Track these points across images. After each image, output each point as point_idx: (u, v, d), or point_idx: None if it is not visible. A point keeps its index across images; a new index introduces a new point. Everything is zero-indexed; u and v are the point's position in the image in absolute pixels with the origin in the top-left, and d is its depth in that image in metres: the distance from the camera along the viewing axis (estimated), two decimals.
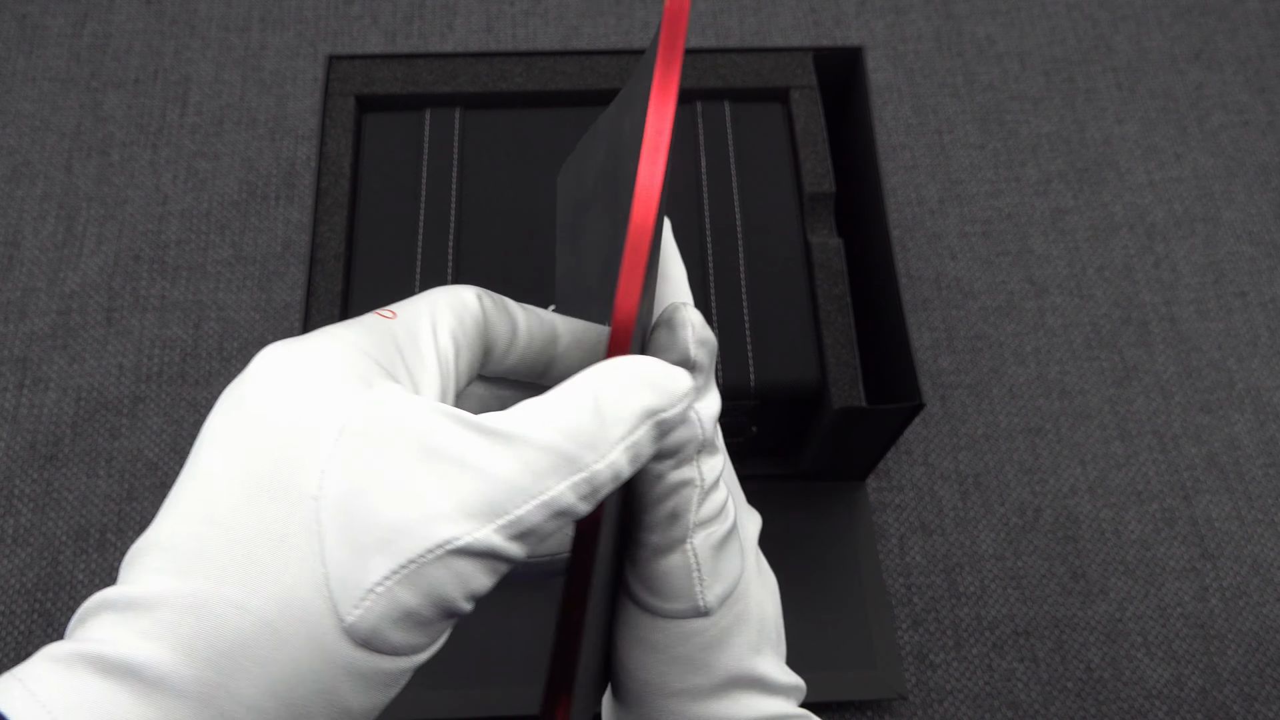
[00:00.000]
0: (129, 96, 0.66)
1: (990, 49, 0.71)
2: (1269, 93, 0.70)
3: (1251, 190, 0.66)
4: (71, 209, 0.62)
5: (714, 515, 0.24)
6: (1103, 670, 0.51)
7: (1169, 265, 0.63)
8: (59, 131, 0.65)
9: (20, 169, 0.64)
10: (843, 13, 0.72)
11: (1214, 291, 0.63)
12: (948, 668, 0.51)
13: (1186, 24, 0.73)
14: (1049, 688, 0.50)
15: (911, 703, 0.50)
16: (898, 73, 0.70)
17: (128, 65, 0.68)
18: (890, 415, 0.45)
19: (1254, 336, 0.61)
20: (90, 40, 0.68)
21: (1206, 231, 0.65)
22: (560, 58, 0.54)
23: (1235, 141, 0.68)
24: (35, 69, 0.67)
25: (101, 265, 0.61)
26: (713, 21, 0.72)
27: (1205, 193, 0.66)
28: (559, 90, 0.53)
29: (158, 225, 0.62)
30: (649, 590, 0.24)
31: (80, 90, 0.67)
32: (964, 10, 0.73)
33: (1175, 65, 0.71)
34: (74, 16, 0.69)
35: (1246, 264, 0.64)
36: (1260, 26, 0.73)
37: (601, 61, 0.56)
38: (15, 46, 0.68)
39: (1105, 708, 0.50)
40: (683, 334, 0.23)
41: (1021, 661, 0.51)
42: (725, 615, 0.25)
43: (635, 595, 0.25)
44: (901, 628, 0.52)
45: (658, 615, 0.24)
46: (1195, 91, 0.70)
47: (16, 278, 0.60)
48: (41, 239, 0.61)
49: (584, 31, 0.71)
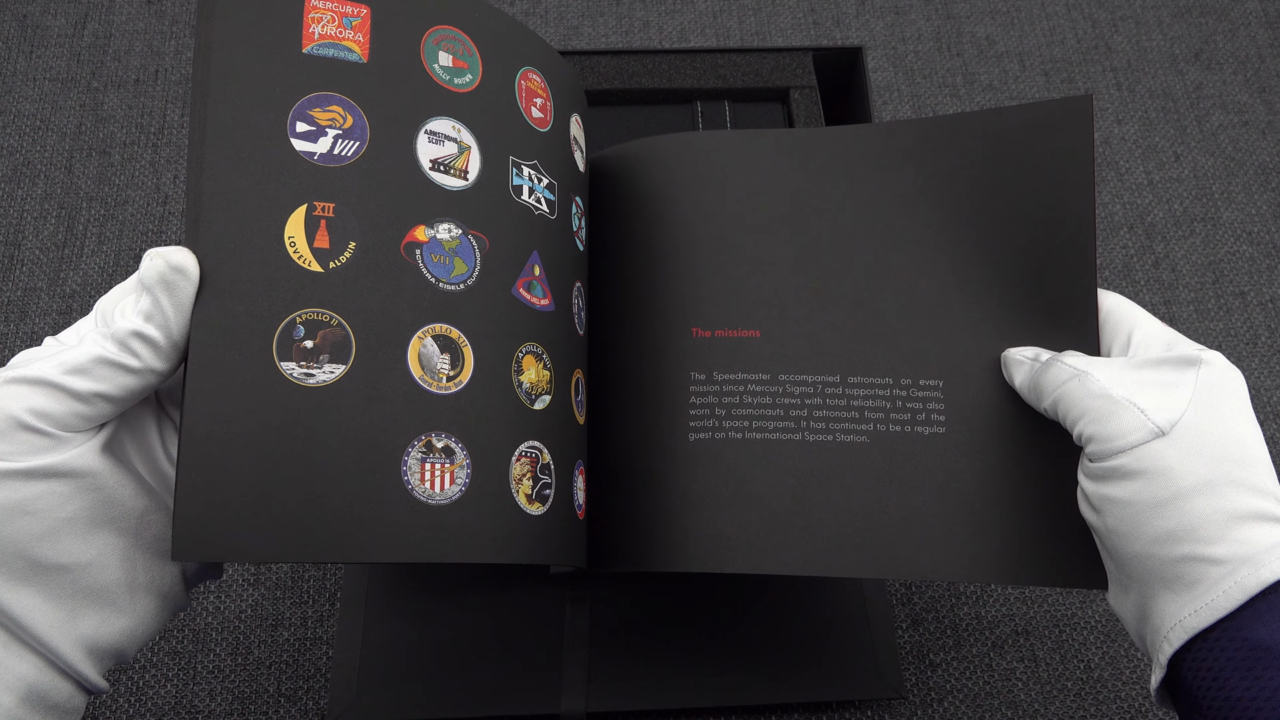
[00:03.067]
0: (129, 96, 0.67)
1: (990, 49, 0.71)
2: (1269, 93, 0.70)
3: (1251, 190, 0.66)
4: (72, 209, 0.63)
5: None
6: (1102, 670, 0.51)
7: (1169, 265, 0.63)
8: (59, 131, 0.65)
9: (21, 169, 0.64)
10: (842, 13, 0.73)
11: (1213, 291, 0.63)
12: (947, 667, 0.51)
13: (1186, 24, 0.73)
14: (1048, 687, 0.51)
15: (911, 702, 0.50)
16: (897, 73, 0.70)
17: (128, 65, 0.68)
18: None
19: (1253, 336, 0.61)
20: (91, 40, 0.69)
21: (1206, 231, 0.65)
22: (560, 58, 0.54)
23: (1235, 141, 0.68)
24: (36, 69, 0.67)
25: (102, 265, 0.61)
26: (713, 21, 0.72)
27: (1205, 193, 0.66)
28: None
29: (158, 225, 0.62)
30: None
31: (81, 90, 0.67)
32: (964, 10, 0.73)
33: (1175, 65, 0.71)
34: (74, 17, 0.69)
35: (1246, 264, 0.64)
36: (1260, 26, 0.73)
37: (601, 61, 0.56)
38: (16, 47, 0.68)
39: (1105, 707, 0.50)
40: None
41: (1021, 661, 0.51)
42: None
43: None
44: (901, 627, 0.52)
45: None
46: (1195, 91, 0.70)
47: (17, 278, 0.60)
48: (42, 239, 0.62)
49: (584, 31, 0.71)
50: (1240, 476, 0.30)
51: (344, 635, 0.49)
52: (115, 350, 0.29)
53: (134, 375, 0.29)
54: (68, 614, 0.29)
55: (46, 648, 0.28)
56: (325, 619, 0.51)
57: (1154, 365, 0.33)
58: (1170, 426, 0.31)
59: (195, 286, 0.30)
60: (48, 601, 0.28)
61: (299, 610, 0.52)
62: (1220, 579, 0.29)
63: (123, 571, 0.30)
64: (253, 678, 0.50)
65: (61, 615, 0.29)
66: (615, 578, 0.50)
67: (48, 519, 0.28)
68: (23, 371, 0.28)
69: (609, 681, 0.48)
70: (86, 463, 0.29)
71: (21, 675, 0.28)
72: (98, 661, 0.30)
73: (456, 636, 0.49)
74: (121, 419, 0.31)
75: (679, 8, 0.72)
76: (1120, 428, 0.32)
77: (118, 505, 0.30)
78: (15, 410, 0.28)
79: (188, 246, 0.31)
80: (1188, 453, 0.30)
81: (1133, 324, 0.35)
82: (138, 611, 0.31)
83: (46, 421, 0.28)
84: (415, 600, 0.49)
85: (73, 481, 0.29)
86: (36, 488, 0.28)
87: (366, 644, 0.48)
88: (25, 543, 0.28)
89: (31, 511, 0.28)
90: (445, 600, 0.49)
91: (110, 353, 0.29)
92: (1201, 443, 0.31)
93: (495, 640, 0.49)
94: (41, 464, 0.28)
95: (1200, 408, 0.31)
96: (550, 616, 0.49)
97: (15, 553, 0.28)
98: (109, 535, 0.30)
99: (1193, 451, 0.30)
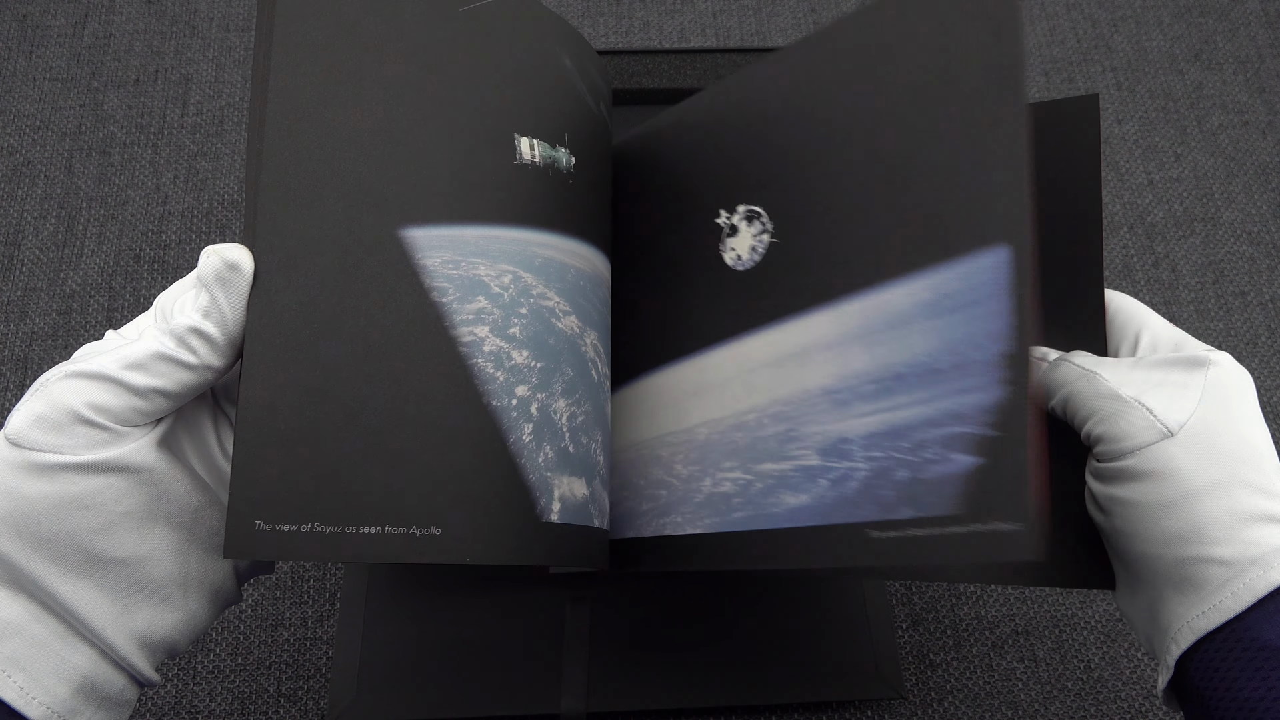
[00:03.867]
0: (129, 96, 0.67)
1: None
2: (1269, 93, 0.70)
3: (1251, 190, 0.66)
4: (72, 209, 0.62)
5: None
6: (1102, 670, 0.51)
7: (1169, 265, 0.63)
8: (59, 132, 0.65)
9: (21, 169, 0.64)
10: (842, 13, 0.73)
11: (1213, 291, 0.63)
12: (947, 667, 0.51)
13: (1186, 24, 0.73)
14: (1048, 687, 0.51)
15: (911, 702, 0.50)
16: None
17: (128, 65, 0.68)
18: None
19: (1253, 336, 0.61)
20: (91, 40, 0.69)
21: (1206, 231, 0.65)
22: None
23: (1235, 141, 0.68)
24: (36, 69, 0.67)
25: (102, 265, 0.61)
26: (713, 21, 0.72)
27: (1205, 193, 0.66)
28: None
29: (158, 225, 0.62)
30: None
31: (81, 90, 0.67)
32: None
33: (1175, 65, 0.71)
34: (74, 17, 0.69)
35: (1246, 264, 0.64)
36: (1260, 26, 0.73)
37: (601, 61, 0.56)
38: (16, 47, 0.68)
39: (1105, 707, 0.50)
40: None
41: (1021, 661, 0.51)
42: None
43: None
44: (901, 627, 0.52)
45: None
46: (1195, 91, 0.70)
47: (17, 278, 0.60)
48: (42, 239, 0.62)
49: (584, 31, 0.71)
50: (1249, 478, 0.30)
51: (344, 635, 0.49)
52: (173, 346, 0.29)
53: (191, 371, 0.30)
54: (123, 607, 0.29)
55: (101, 640, 0.29)
56: (325, 619, 0.51)
57: (1162, 366, 0.33)
58: (1179, 427, 0.31)
59: (250, 283, 0.30)
60: (103, 594, 0.29)
61: (299, 610, 0.52)
62: (1228, 580, 0.29)
63: (176, 566, 0.31)
64: (253, 678, 0.50)
65: (116, 608, 0.29)
66: (615, 577, 0.50)
67: (105, 513, 0.29)
68: (82, 366, 0.29)
69: (609, 681, 0.48)
70: (143, 458, 0.29)
71: (77, 666, 0.29)
72: (150, 654, 0.31)
73: (456, 636, 0.49)
74: (178, 415, 0.31)
75: (679, 8, 0.72)
76: (1129, 428, 0.32)
77: (173, 500, 0.30)
78: (74, 404, 0.28)
79: (245, 243, 0.31)
80: (1196, 454, 0.30)
81: (1141, 324, 0.35)
82: (190, 605, 0.31)
83: (105, 416, 0.28)
84: (415, 600, 0.50)
85: (130, 476, 0.29)
86: (94, 481, 0.28)
87: (366, 644, 0.48)
88: (82, 536, 0.28)
89: (89, 505, 0.28)
90: (445, 600, 0.49)
91: (168, 349, 0.29)
92: (1210, 444, 0.31)
93: (495, 640, 0.49)
94: (99, 458, 0.28)
95: (1209, 409, 0.31)
96: (550, 616, 0.49)
97: (72, 546, 0.28)
98: (164, 530, 0.30)
99: (1201, 453, 0.30)
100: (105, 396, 0.28)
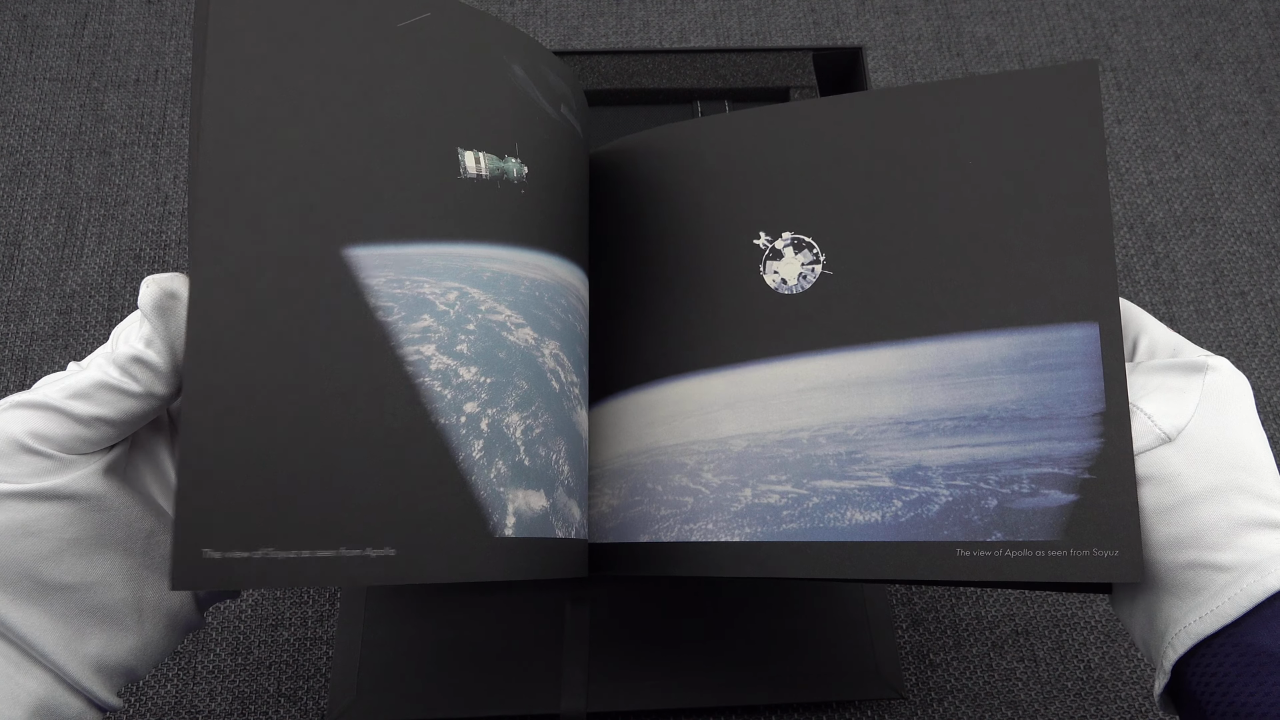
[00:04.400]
0: (129, 96, 0.67)
1: (990, 49, 0.71)
2: (1269, 93, 0.70)
3: (1251, 190, 0.66)
4: (72, 209, 0.63)
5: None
6: (1102, 670, 0.51)
7: (1168, 265, 0.63)
8: (60, 131, 0.65)
9: (21, 169, 0.64)
10: (842, 13, 0.73)
11: (1213, 291, 0.63)
12: (947, 667, 0.51)
13: (1186, 24, 0.73)
14: (1048, 687, 0.51)
15: (911, 702, 0.50)
16: (897, 73, 0.70)
17: (128, 65, 0.68)
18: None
19: (1253, 336, 0.61)
20: (91, 40, 0.69)
21: (1206, 231, 0.65)
22: (560, 58, 0.54)
23: (1235, 142, 0.68)
24: (36, 69, 0.67)
25: (102, 265, 0.61)
26: (713, 21, 0.72)
27: (1204, 193, 0.66)
28: None
29: (158, 225, 0.62)
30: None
31: (81, 90, 0.67)
32: (964, 10, 0.73)
33: (1175, 65, 0.71)
34: (74, 17, 0.69)
35: (1246, 264, 0.64)
36: (1260, 26, 0.73)
37: (601, 61, 0.56)
38: (16, 47, 0.68)
39: (1105, 707, 0.50)
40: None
41: (1021, 661, 0.51)
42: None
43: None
44: (901, 627, 0.52)
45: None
46: (1195, 92, 0.70)
47: (17, 278, 0.60)
48: (42, 239, 0.62)
49: (584, 31, 0.71)
50: (1246, 483, 0.30)
51: (344, 635, 0.49)
52: (117, 375, 0.30)
53: (135, 399, 0.30)
54: (74, 632, 0.29)
55: (54, 665, 0.29)
56: (325, 619, 0.51)
57: (1161, 371, 0.33)
58: (1177, 433, 0.31)
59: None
60: (54, 620, 0.29)
61: (299, 610, 0.52)
62: (1226, 585, 0.29)
63: (129, 591, 0.31)
64: (253, 678, 0.50)
65: (68, 633, 0.29)
66: (616, 578, 0.50)
67: (52, 539, 0.29)
68: (27, 396, 0.29)
69: (609, 681, 0.48)
70: (89, 485, 0.29)
71: (31, 691, 0.29)
72: (107, 679, 0.31)
73: (456, 636, 0.49)
74: (134, 441, 0.32)
75: (679, 8, 0.72)
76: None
77: (123, 527, 0.30)
78: (17, 433, 0.28)
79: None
80: (1194, 459, 0.31)
81: (1139, 329, 0.35)
82: (146, 631, 0.31)
83: (48, 444, 0.29)
84: (415, 600, 0.50)
85: (76, 503, 0.29)
86: (40, 509, 0.29)
87: (366, 644, 0.48)
88: (30, 562, 0.28)
89: (35, 532, 0.28)
90: (445, 600, 0.49)
91: (112, 377, 0.29)
92: (1208, 449, 0.31)
93: (495, 640, 0.49)
94: (44, 486, 0.29)
95: (1207, 414, 0.31)
96: (550, 616, 0.49)
97: (21, 572, 0.28)
98: (114, 556, 0.30)
99: (1199, 458, 0.31)
100: (49, 425, 0.29)
